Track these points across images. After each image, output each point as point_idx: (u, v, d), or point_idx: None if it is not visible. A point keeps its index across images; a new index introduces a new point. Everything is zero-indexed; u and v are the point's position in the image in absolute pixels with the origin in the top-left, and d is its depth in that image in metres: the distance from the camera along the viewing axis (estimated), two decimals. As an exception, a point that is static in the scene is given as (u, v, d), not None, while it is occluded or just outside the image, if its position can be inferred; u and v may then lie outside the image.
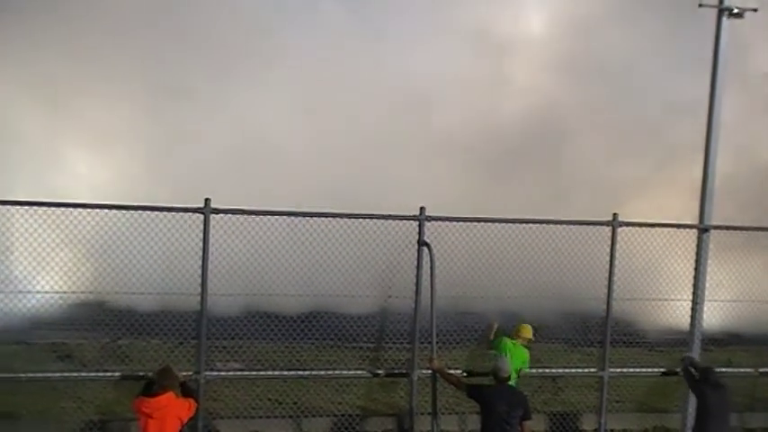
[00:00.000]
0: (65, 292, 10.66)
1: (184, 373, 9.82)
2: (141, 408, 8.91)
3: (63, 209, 10.06)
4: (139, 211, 10.36)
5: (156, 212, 10.37)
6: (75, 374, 12.28)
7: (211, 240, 10.39)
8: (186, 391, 9.39)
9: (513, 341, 11.70)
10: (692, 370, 11.05)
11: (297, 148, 20.86)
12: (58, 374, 11.61)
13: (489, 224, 11.67)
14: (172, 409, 8.90)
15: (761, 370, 13.06)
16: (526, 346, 11.84)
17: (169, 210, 10.38)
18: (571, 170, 22.19)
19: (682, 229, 12.64)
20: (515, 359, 11.40)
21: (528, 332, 11.84)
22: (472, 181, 21.12)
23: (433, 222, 11.23)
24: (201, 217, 10.37)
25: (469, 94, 22.55)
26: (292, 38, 21.72)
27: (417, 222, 11.16)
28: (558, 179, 22.07)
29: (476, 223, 11.65)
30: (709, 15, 12.74)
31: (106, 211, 10.33)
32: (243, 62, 21.56)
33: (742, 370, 13.29)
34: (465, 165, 21.62)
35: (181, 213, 10.39)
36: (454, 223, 11.51)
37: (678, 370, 11.53)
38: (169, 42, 20.72)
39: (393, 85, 21.36)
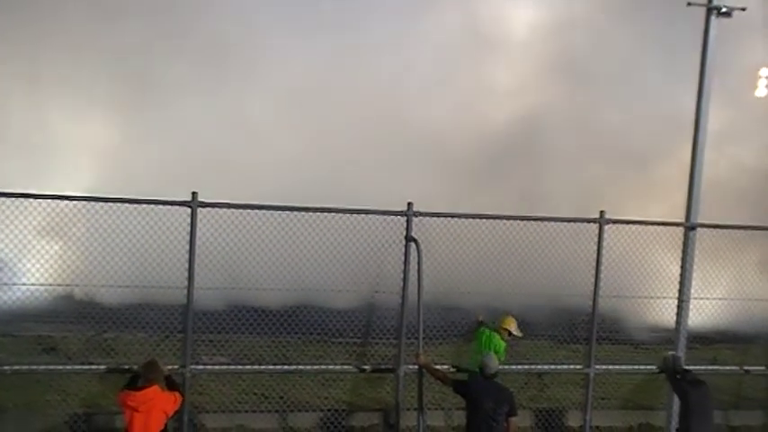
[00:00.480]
0: (50, 285, 10.61)
1: (170, 367, 9.78)
2: (126, 401, 8.88)
3: (49, 201, 10.01)
4: (126, 204, 10.31)
5: (144, 205, 10.33)
6: (61, 367, 12.23)
7: (198, 234, 10.35)
8: (172, 384, 9.36)
9: (491, 331, 11.80)
10: (671, 368, 11.07)
11: (286, 144, 20.92)
12: (42, 367, 11.55)
13: (476, 220, 11.66)
14: (157, 402, 8.87)
15: (746, 368, 13.09)
16: (506, 339, 11.89)
17: (156, 203, 10.33)
18: (556, 172, 22.23)
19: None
20: (487, 347, 11.50)
21: (508, 323, 11.90)
22: (458, 180, 21.17)
23: (420, 218, 11.21)
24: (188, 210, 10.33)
25: (458, 94, 22.66)
26: (282, 36, 21.75)
27: (405, 218, 11.14)
28: (542, 181, 22.12)
29: (463, 219, 11.63)
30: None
31: (93, 203, 10.29)
32: (233, 58, 21.61)
33: (727, 368, 13.33)
34: (451, 164, 21.67)
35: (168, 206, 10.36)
36: (441, 219, 11.50)
37: (656, 367, 11.54)
38: (160, 36, 20.78)
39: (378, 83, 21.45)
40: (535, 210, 15.59)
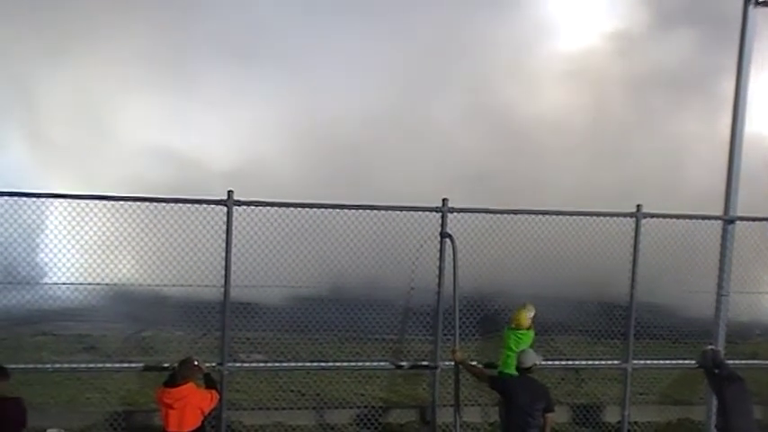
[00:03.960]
0: (89, 284, 10.72)
1: (208, 364, 9.85)
2: (162, 398, 8.99)
3: (87, 201, 10.13)
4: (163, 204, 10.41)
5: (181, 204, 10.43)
6: (100, 365, 12.38)
7: (234, 232, 10.41)
8: (210, 382, 9.45)
9: (514, 330, 11.72)
10: (710, 363, 10.94)
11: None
12: (83, 365, 11.71)
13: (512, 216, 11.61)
14: (191, 399, 8.96)
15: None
16: (528, 328, 11.82)
17: (192, 202, 10.42)
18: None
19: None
20: (523, 345, 11.45)
21: (522, 318, 11.80)
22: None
23: (455, 214, 11.18)
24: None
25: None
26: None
27: (440, 214, 11.13)
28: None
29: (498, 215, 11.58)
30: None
31: (131, 203, 10.40)
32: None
33: (767, 363, 13.15)
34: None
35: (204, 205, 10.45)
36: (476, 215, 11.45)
37: (695, 362, 11.42)
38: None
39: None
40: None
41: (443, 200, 11.12)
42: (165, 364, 10.20)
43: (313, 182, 18.29)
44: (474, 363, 10.98)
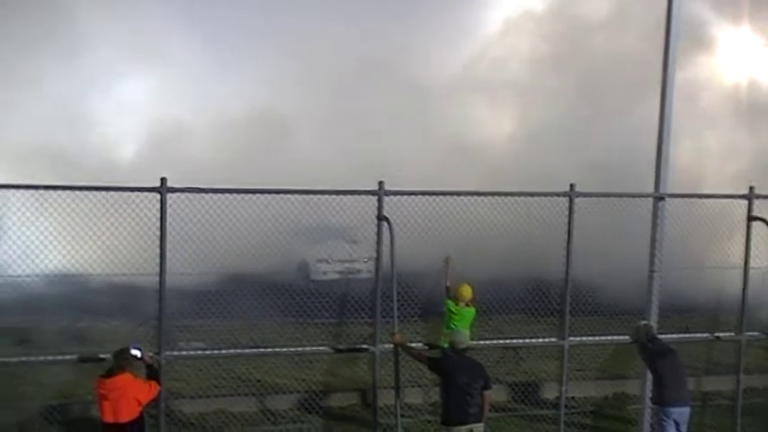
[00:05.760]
0: (27, 276, 10.50)
1: (150, 354, 9.65)
2: (98, 389, 8.87)
3: (23, 191, 9.87)
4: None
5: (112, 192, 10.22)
6: (33, 358, 12.11)
7: (169, 219, 10.24)
8: (152, 373, 9.31)
9: (457, 305, 12.02)
10: (644, 338, 11.18)
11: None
12: (14, 359, 11.43)
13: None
14: (128, 390, 8.83)
15: (717, 334, 13.20)
16: (468, 305, 12.20)
17: (125, 189, 10.22)
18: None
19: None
20: (464, 321, 11.70)
21: (467, 293, 12.34)
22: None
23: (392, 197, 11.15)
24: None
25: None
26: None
27: (376, 197, 11.09)
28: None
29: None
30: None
31: (60, 192, 10.15)
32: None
33: (699, 335, 13.45)
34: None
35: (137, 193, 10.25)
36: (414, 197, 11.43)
37: (629, 337, 11.66)
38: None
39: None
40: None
41: (380, 182, 11.06)
42: (101, 355, 10.01)
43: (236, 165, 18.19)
44: (413, 344, 11.03)
